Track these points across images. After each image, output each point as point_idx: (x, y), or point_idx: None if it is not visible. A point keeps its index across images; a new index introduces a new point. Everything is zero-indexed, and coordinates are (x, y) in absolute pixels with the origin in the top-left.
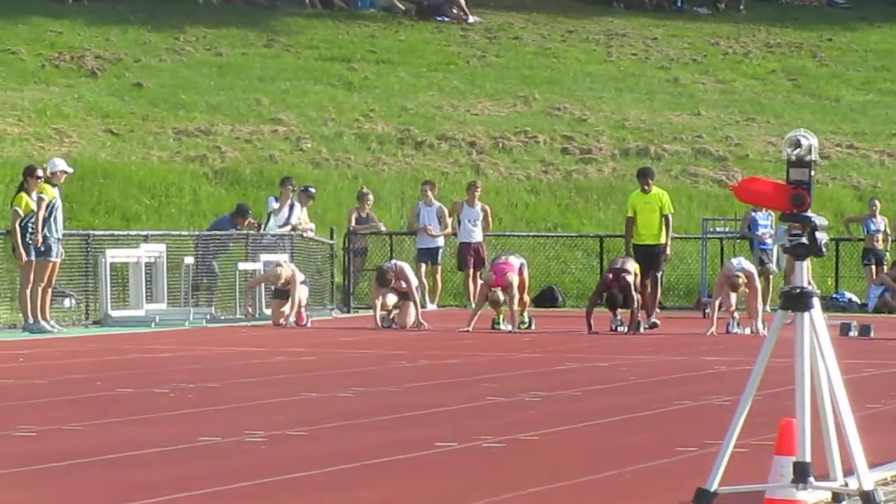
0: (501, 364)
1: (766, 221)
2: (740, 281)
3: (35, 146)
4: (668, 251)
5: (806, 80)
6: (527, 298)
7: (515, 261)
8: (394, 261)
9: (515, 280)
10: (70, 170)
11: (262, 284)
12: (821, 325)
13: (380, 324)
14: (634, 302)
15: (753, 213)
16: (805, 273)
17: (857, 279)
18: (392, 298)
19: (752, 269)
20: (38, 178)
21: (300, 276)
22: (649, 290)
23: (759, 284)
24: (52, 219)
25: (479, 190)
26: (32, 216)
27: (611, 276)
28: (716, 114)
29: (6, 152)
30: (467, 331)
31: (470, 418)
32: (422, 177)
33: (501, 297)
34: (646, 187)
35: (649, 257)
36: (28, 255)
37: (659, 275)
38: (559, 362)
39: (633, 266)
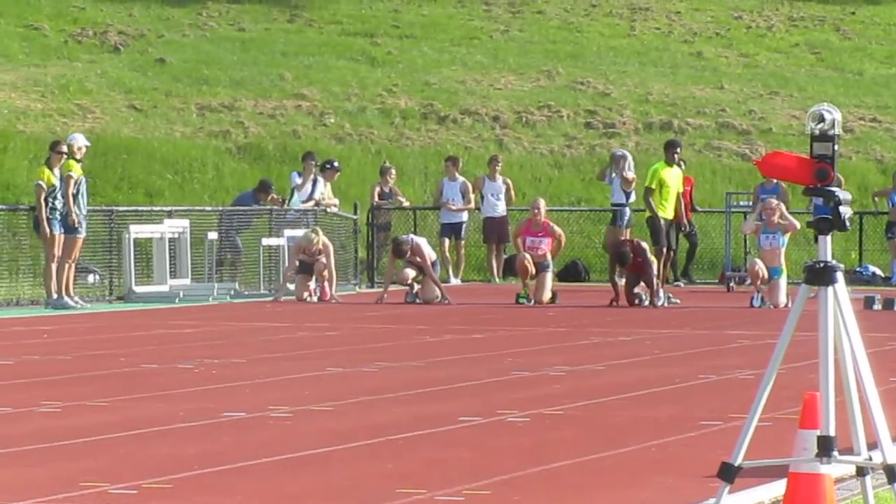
0: (526, 338)
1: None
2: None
3: (58, 122)
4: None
5: (829, 53)
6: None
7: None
8: (411, 236)
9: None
10: (87, 143)
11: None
12: (845, 298)
13: (385, 293)
14: (652, 272)
15: (761, 186)
16: (829, 247)
17: (882, 252)
18: (411, 272)
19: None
20: (62, 153)
21: (332, 248)
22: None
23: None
24: (79, 195)
25: (500, 164)
26: (53, 191)
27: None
28: (739, 87)
29: (29, 128)
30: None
31: (494, 393)
32: (445, 151)
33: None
34: (675, 159)
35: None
36: (53, 229)
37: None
38: (583, 336)
39: (645, 244)
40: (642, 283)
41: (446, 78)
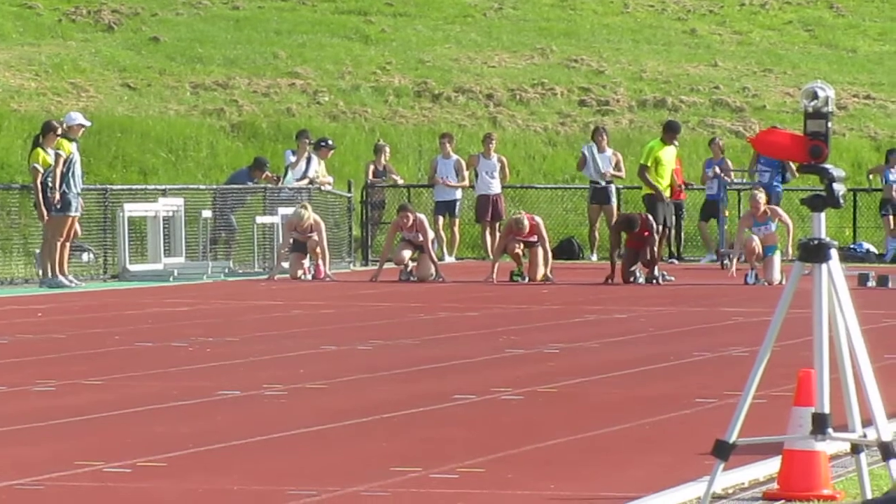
0: (520, 316)
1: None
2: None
3: (52, 101)
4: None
5: (822, 30)
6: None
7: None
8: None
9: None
10: (87, 123)
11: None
12: (839, 275)
13: (380, 271)
14: (655, 247)
15: (709, 161)
16: (823, 224)
17: (876, 229)
18: (407, 252)
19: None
20: (57, 133)
21: (323, 225)
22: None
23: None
24: (70, 174)
25: (494, 142)
26: (50, 171)
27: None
28: (733, 65)
29: (23, 107)
30: (492, 280)
31: (489, 370)
32: (439, 129)
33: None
34: (674, 142)
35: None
36: (49, 211)
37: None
38: (578, 314)
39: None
40: (639, 263)
41: (440, 56)
